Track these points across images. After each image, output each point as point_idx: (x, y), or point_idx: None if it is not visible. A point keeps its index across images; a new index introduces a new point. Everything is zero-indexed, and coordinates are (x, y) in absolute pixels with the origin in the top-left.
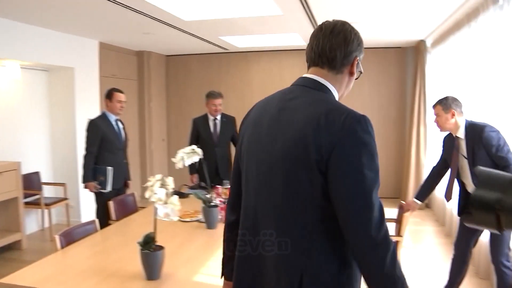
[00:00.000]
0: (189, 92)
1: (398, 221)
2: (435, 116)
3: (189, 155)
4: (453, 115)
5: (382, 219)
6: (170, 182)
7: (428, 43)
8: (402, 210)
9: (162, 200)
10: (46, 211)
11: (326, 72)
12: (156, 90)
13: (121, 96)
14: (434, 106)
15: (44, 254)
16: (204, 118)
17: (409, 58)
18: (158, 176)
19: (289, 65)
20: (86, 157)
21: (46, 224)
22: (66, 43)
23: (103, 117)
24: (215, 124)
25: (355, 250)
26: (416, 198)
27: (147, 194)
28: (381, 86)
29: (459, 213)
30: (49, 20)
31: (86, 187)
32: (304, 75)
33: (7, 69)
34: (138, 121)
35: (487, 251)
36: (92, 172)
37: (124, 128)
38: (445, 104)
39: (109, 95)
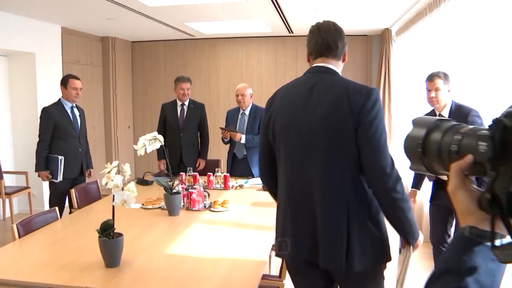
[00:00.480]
0: (155, 78)
1: None
2: (431, 91)
3: (151, 142)
4: (449, 90)
5: (392, 159)
6: (127, 168)
7: (393, 31)
8: None
9: (118, 186)
10: (7, 200)
11: (331, 60)
12: (122, 76)
13: (76, 83)
14: (431, 79)
15: (4, 244)
16: (173, 103)
17: (374, 46)
18: (115, 163)
19: (255, 51)
20: (38, 145)
21: (8, 214)
22: (26, 27)
23: (58, 104)
24: (182, 110)
25: (375, 183)
26: (414, 187)
27: (103, 181)
28: (346, 73)
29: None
30: (9, 3)
31: (39, 175)
32: (317, 64)
33: None
34: (104, 108)
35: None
36: (45, 161)
37: (81, 116)
38: (445, 78)
39: (64, 82)
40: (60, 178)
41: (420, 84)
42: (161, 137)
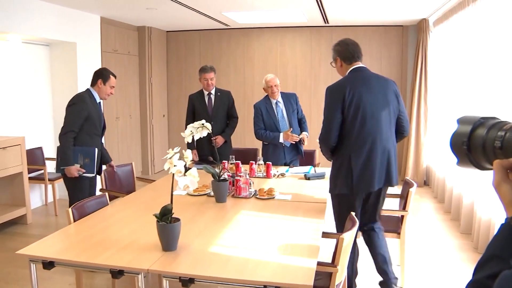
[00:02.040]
0: (189, 68)
1: (403, 196)
2: None
3: (198, 129)
4: None
5: None
6: (189, 154)
7: (431, 21)
8: (407, 186)
9: (181, 172)
10: (50, 186)
11: (360, 62)
12: (157, 66)
13: (115, 82)
14: None
15: (49, 228)
16: (200, 94)
17: (410, 37)
18: (176, 149)
19: (290, 41)
20: (66, 137)
21: (50, 199)
22: (68, 17)
23: (90, 95)
24: (210, 99)
25: (405, 133)
26: None
27: (166, 166)
28: (382, 65)
29: None
30: None
31: (66, 171)
32: (360, 65)
33: (9, 44)
34: (139, 97)
35: (486, 227)
36: (75, 154)
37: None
38: None
39: (104, 77)
40: (95, 172)
41: (459, 77)
42: (208, 125)
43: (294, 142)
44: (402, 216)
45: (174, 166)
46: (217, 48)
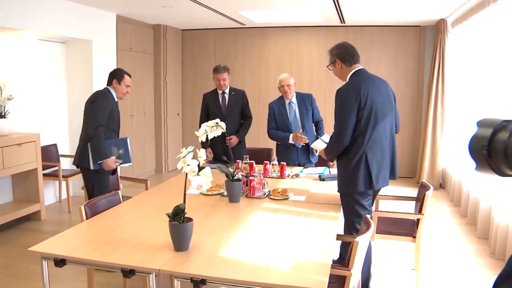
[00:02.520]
0: (204, 66)
1: (420, 199)
2: None
3: (212, 128)
4: None
5: None
6: (202, 154)
7: (449, 22)
8: (423, 188)
9: (195, 171)
10: (64, 183)
11: (359, 64)
12: (172, 64)
13: (130, 81)
14: None
15: (62, 225)
16: (214, 93)
17: (428, 38)
18: (190, 148)
19: (305, 41)
20: (98, 131)
21: (64, 196)
22: (84, 15)
23: (110, 93)
24: (223, 98)
25: (397, 129)
26: None
27: (179, 165)
28: (398, 65)
29: None
30: None
31: (104, 164)
32: (361, 67)
33: (25, 41)
34: (154, 95)
35: (504, 232)
36: (108, 147)
37: None
38: None
39: (119, 77)
40: (131, 161)
41: (477, 79)
42: (223, 124)
43: (304, 144)
44: (418, 220)
45: (188, 165)
46: (232, 47)
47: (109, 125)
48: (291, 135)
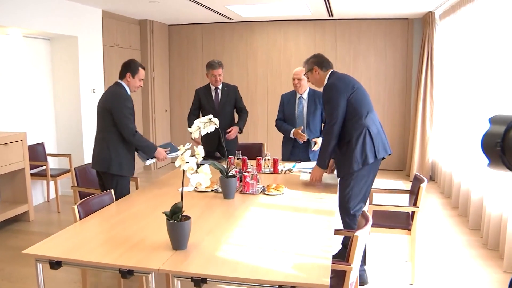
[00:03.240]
0: (192, 62)
1: (414, 192)
2: None
3: (205, 124)
4: None
5: None
6: (201, 150)
7: (437, 14)
8: (417, 181)
9: (193, 169)
10: (52, 182)
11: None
12: (159, 60)
13: (144, 74)
14: None
15: (52, 225)
16: (206, 88)
17: (416, 30)
18: (188, 145)
19: (293, 35)
20: (137, 136)
21: (52, 196)
22: (69, 11)
23: (123, 88)
24: (216, 94)
25: None
26: None
27: (177, 163)
28: (386, 58)
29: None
30: None
31: (157, 156)
32: (334, 70)
33: (10, 38)
34: (142, 91)
35: (496, 223)
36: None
37: None
38: None
39: (133, 70)
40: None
41: (465, 71)
42: (216, 120)
43: (302, 142)
44: (413, 213)
45: (186, 163)
46: (220, 42)
47: None
48: (293, 129)
